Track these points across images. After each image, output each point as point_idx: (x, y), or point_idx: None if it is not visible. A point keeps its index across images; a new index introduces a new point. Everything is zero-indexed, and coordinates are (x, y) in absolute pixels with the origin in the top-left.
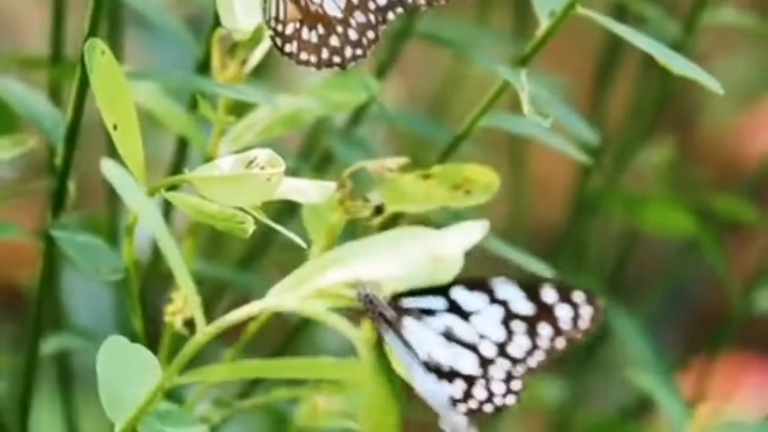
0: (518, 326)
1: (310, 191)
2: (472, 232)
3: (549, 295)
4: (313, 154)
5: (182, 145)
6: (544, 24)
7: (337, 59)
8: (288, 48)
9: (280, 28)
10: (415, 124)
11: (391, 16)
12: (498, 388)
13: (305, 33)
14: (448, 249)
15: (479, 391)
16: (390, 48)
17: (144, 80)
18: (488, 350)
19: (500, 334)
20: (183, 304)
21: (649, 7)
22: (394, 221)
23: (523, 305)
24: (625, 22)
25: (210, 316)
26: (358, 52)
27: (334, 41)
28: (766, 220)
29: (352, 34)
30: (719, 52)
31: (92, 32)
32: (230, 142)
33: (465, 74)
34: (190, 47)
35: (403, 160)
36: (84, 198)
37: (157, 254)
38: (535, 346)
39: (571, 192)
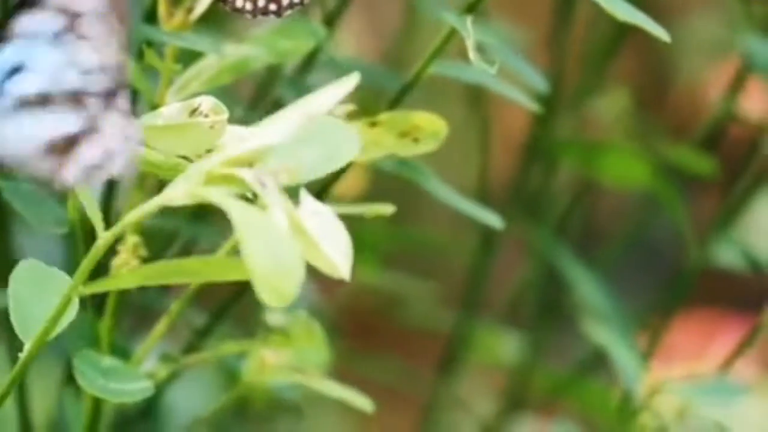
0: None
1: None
2: (342, 89)
3: None
4: (263, 103)
5: (131, 95)
6: None
7: (273, 7)
8: None
9: None
10: (365, 72)
11: None
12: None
13: None
14: (318, 105)
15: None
16: None
17: None
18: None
19: None
20: (129, 256)
21: None
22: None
23: None
24: None
25: None
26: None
27: None
28: (721, 171)
29: None
30: (697, 8)
31: None
32: (177, 91)
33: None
34: None
35: (350, 107)
36: None
37: (106, 208)
38: None
39: (526, 141)
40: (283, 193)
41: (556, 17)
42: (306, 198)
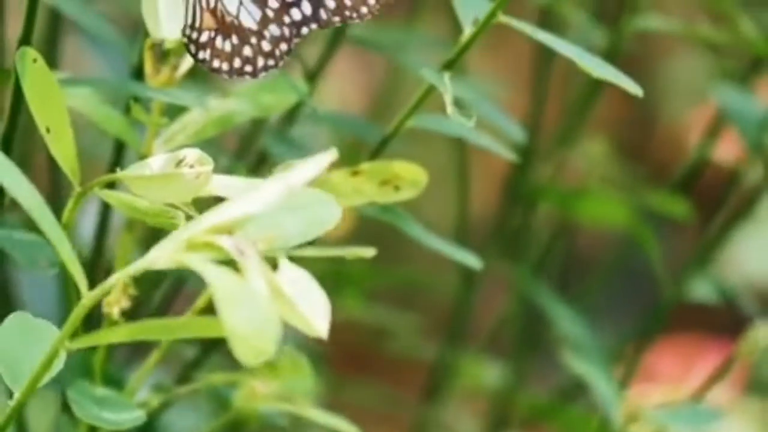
0: None
1: (239, 188)
2: (320, 162)
3: None
4: (248, 153)
5: (120, 146)
6: (467, 31)
7: (248, 68)
8: (201, 55)
9: (194, 35)
10: (345, 124)
11: (305, 30)
12: (266, 46)
13: (219, 42)
14: (299, 178)
15: (247, 49)
16: (323, 52)
17: (79, 86)
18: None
19: None
20: (120, 295)
21: (575, 13)
22: None
23: None
24: (557, 27)
25: (147, 305)
26: (270, 62)
27: (247, 51)
28: (696, 214)
29: (266, 46)
30: (679, 52)
31: (25, 41)
32: (164, 143)
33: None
34: (125, 55)
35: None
36: None
37: (99, 248)
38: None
39: (507, 185)
40: (262, 260)
41: (535, 63)
42: (284, 263)
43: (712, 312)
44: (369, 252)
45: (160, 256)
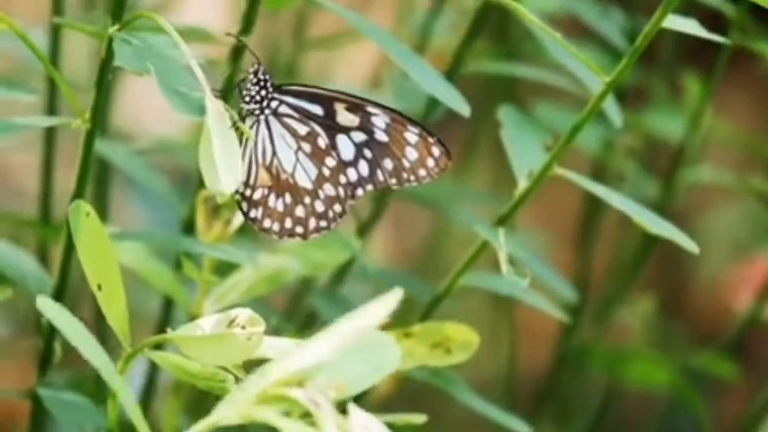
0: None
1: (288, 350)
2: (387, 305)
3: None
4: (297, 313)
5: (168, 303)
6: (522, 184)
7: (299, 230)
8: (253, 213)
9: (248, 192)
10: (397, 282)
11: (360, 192)
12: (319, 207)
13: (272, 200)
14: (367, 321)
15: (300, 209)
16: (374, 207)
17: (129, 241)
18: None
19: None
20: None
21: (628, 165)
22: None
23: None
24: (606, 179)
25: None
26: (322, 224)
27: (299, 211)
28: (744, 376)
29: (319, 206)
30: (721, 204)
31: (78, 194)
32: (214, 301)
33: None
34: (175, 208)
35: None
36: (72, 355)
37: (145, 410)
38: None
39: (555, 346)
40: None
41: (582, 223)
42: (355, 410)
43: None
44: (420, 418)
45: (231, 411)
